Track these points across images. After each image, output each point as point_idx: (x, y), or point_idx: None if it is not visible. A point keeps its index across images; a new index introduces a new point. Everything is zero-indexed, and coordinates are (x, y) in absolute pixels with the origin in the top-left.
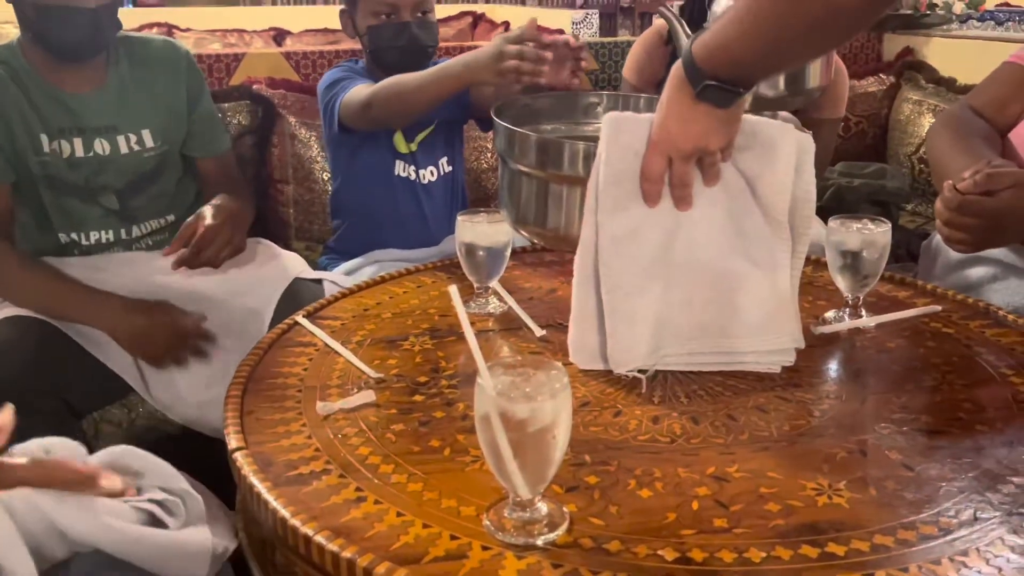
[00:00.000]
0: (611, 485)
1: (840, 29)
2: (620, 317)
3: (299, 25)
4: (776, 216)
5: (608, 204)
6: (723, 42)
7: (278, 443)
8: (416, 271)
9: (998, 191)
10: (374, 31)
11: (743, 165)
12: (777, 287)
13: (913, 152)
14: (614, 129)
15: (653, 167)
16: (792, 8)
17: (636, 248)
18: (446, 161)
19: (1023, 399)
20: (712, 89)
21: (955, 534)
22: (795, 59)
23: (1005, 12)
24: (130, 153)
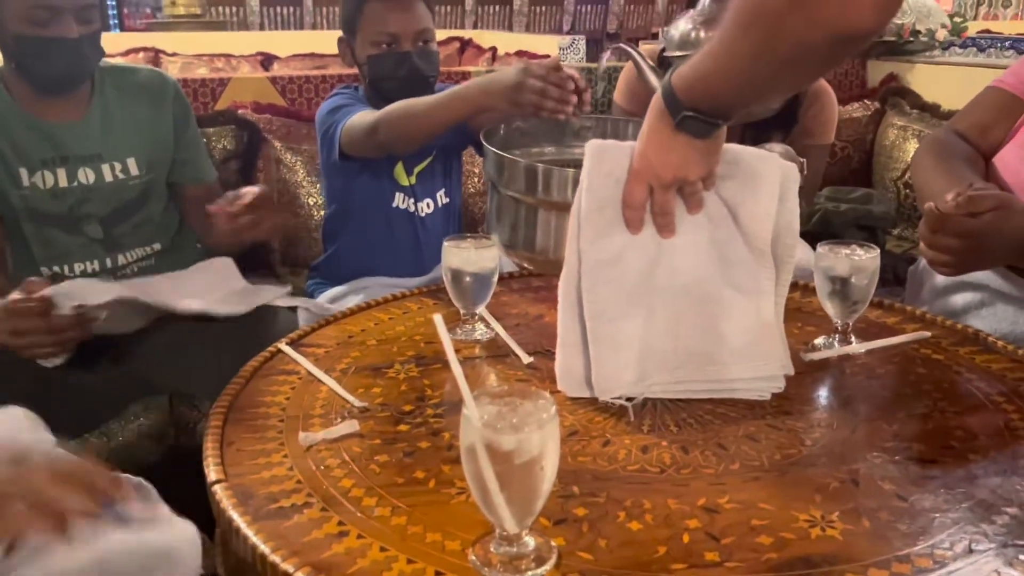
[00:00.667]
0: (600, 517)
1: (811, 67)
2: (604, 343)
3: (286, 50)
4: (758, 245)
5: (590, 231)
6: (701, 74)
7: (259, 475)
8: (402, 296)
9: (981, 213)
10: (375, 61)
11: (726, 194)
12: (761, 314)
13: (899, 177)
14: (596, 157)
15: (634, 195)
16: (764, 47)
17: (619, 274)
18: (444, 193)
19: (1015, 427)
20: (691, 120)
21: (950, 567)
22: (771, 93)
23: (987, 39)
24: (115, 181)
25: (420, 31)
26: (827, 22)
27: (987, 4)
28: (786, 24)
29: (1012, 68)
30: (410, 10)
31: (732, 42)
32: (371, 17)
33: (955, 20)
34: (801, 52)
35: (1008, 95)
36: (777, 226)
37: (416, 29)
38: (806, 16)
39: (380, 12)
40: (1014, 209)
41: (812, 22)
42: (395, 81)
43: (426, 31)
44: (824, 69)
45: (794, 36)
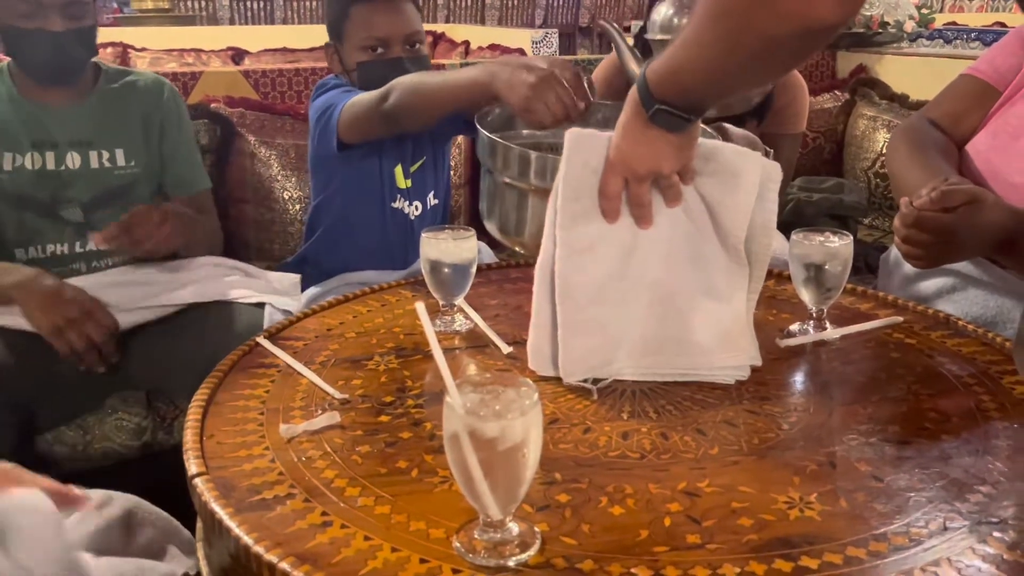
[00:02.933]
0: (583, 503)
1: (780, 60)
2: (572, 328)
3: (257, 45)
4: (733, 242)
5: (566, 218)
6: (673, 68)
7: (240, 467)
8: (380, 289)
9: (953, 208)
10: (364, 68)
11: (704, 189)
12: (733, 309)
13: (869, 167)
14: (574, 146)
15: (609, 186)
16: (732, 40)
17: (592, 262)
18: (433, 195)
19: (986, 408)
20: (663, 114)
21: (925, 544)
22: (741, 86)
23: (953, 30)
24: (100, 168)
25: (410, 34)
26: (793, 15)
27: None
28: (753, 17)
29: (985, 56)
30: (399, 12)
31: (702, 34)
32: (358, 21)
33: (922, 12)
34: (768, 45)
35: (981, 83)
36: (753, 224)
37: (406, 32)
38: (773, 9)
39: (367, 15)
40: (985, 203)
41: (778, 15)
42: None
43: (416, 34)
44: (793, 63)
45: (761, 29)
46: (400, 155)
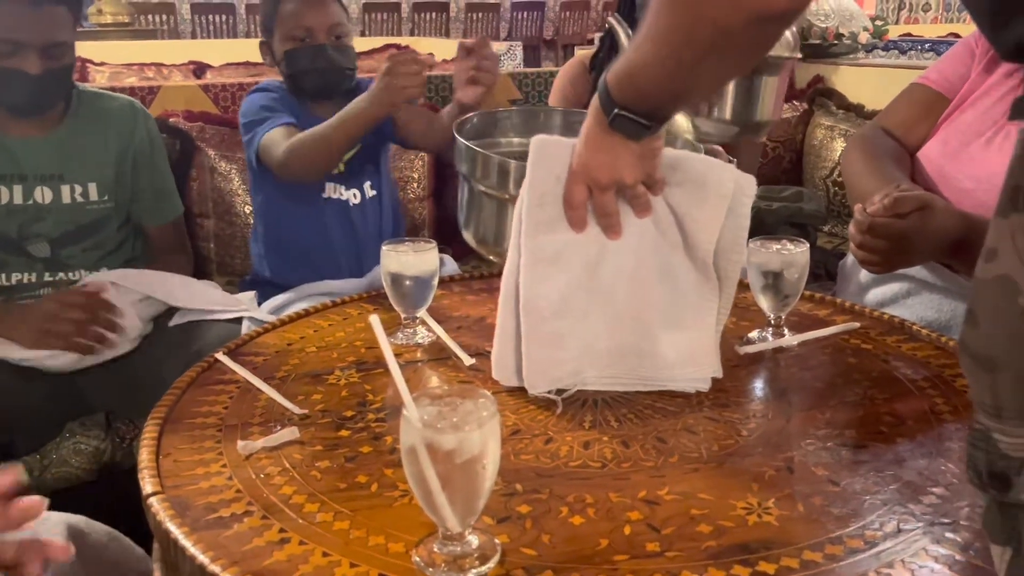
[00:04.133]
0: (543, 514)
1: (734, 54)
2: (535, 340)
3: (219, 59)
4: (701, 256)
5: (531, 226)
6: (630, 69)
7: (196, 486)
8: (342, 303)
9: (905, 214)
10: (291, 55)
11: (674, 200)
12: (700, 325)
13: (827, 175)
14: (538, 153)
15: (574, 195)
16: (684, 32)
17: (557, 272)
18: (370, 186)
19: (939, 411)
20: (622, 119)
21: (880, 546)
22: (697, 85)
23: (908, 42)
24: (72, 204)
25: (334, 25)
26: (744, 4)
27: (907, 8)
28: (704, 6)
29: (935, 65)
30: (323, 6)
31: (654, 30)
32: (286, 14)
33: (877, 24)
34: (721, 36)
35: (932, 92)
36: (723, 239)
37: (330, 23)
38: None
39: (294, 8)
40: (936, 209)
41: (730, 3)
42: (312, 74)
43: (339, 26)
44: (748, 57)
45: (713, 18)
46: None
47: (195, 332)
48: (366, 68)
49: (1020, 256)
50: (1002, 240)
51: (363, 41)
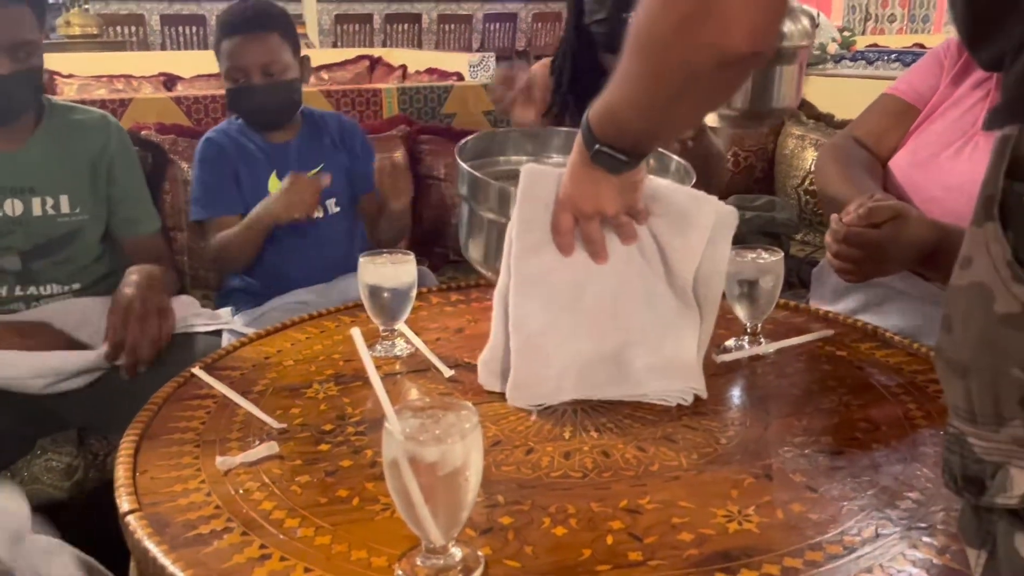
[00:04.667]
0: (525, 525)
1: (703, 93)
2: (522, 356)
3: (191, 70)
4: (681, 284)
5: (521, 250)
6: (608, 107)
7: (175, 503)
8: (319, 316)
9: (880, 223)
10: (230, 95)
11: (657, 230)
12: (681, 347)
13: (799, 184)
14: (528, 181)
15: (561, 222)
16: (656, 73)
17: (544, 293)
18: (334, 202)
19: (913, 416)
20: (603, 155)
21: (859, 551)
22: (672, 122)
23: (875, 52)
24: (43, 216)
25: (267, 63)
26: (708, 45)
27: (874, 20)
28: (673, 48)
29: (904, 76)
30: (258, 43)
31: (629, 69)
32: (224, 53)
33: (844, 34)
34: (689, 76)
35: (902, 102)
36: (703, 269)
37: (262, 62)
38: (690, 40)
39: (230, 47)
40: (909, 218)
41: (696, 46)
42: (248, 114)
43: (272, 63)
44: (717, 96)
45: (681, 60)
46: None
47: (171, 347)
48: (339, 80)
49: (994, 264)
50: (977, 248)
51: (336, 52)
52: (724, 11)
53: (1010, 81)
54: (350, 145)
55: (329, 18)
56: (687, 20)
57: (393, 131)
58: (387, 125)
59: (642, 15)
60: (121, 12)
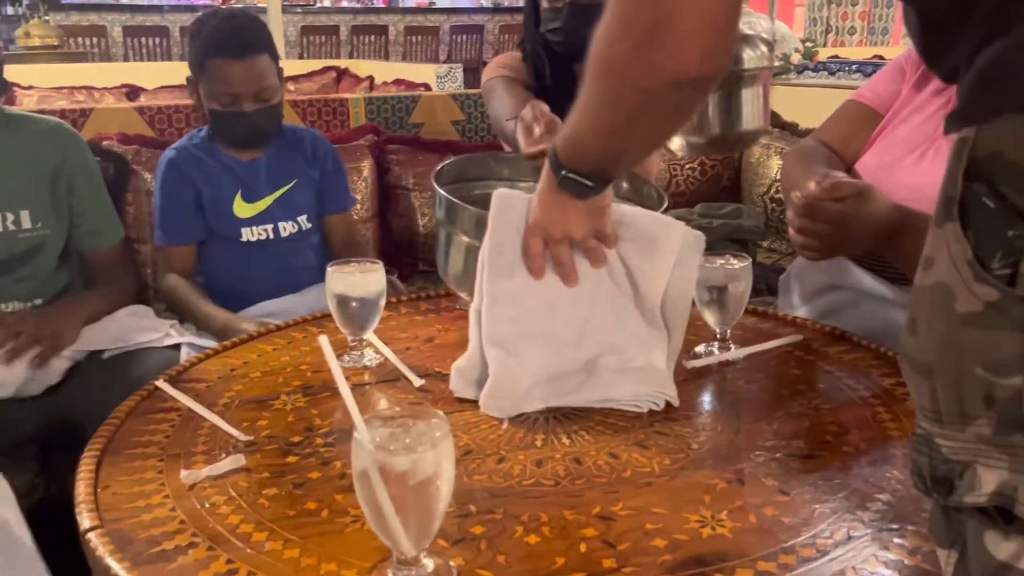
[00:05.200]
0: (498, 534)
1: (660, 116)
2: (498, 373)
3: (154, 82)
4: (649, 307)
5: (493, 272)
6: (572, 133)
7: (138, 518)
8: (286, 326)
9: (843, 198)
10: (215, 117)
11: (625, 254)
12: (652, 367)
13: (765, 192)
14: (499, 206)
15: (531, 247)
16: (614, 97)
17: (516, 314)
18: (306, 219)
19: (881, 419)
20: (569, 181)
21: (831, 554)
22: (633, 146)
23: (836, 63)
24: (4, 232)
25: (260, 90)
26: (662, 69)
27: (835, 32)
28: (629, 72)
29: (869, 84)
30: (250, 68)
31: (589, 95)
32: (213, 73)
33: (807, 45)
34: (646, 100)
35: (866, 108)
36: (671, 291)
37: (256, 88)
38: (645, 64)
39: (221, 69)
40: (873, 195)
41: (650, 70)
42: (233, 138)
43: (266, 89)
44: (675, 118)
45: (637, 84)
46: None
47: (133, 361)
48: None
49: (955, 264)
50: (938, 249)
51: (302, 64)
52: (676, 36)
53: (964, 88)
54: (322, 161)
55: (295, 29)
56: (641, 45)
57: (360, 141)
58: (354, 135)
59: (599, 41)
60: (82, 23)
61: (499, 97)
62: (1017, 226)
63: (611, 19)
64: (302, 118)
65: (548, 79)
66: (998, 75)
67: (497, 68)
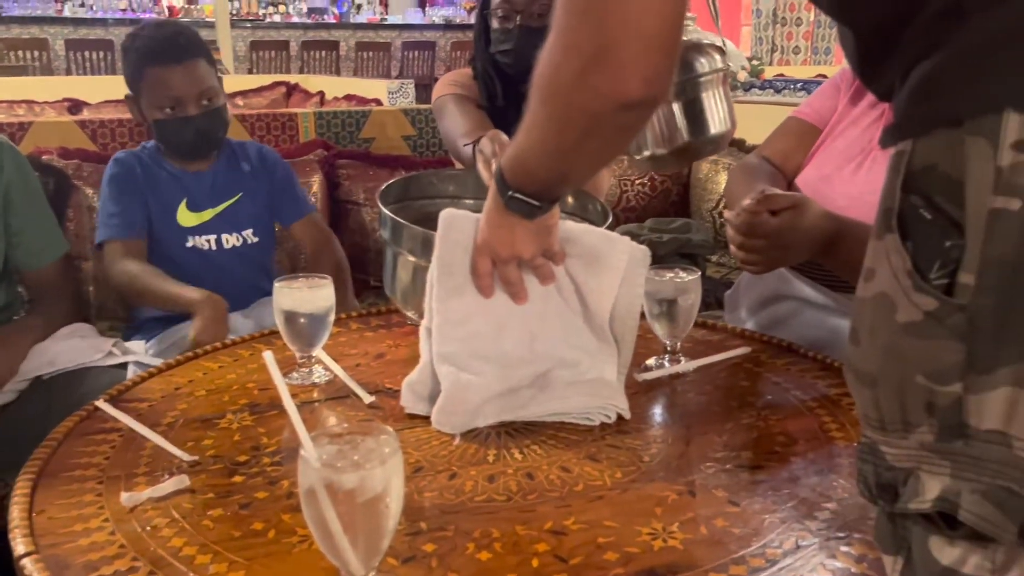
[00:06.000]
0: (449, 551)
1: (607, 137)
2: (450, 389)
3: (97, 96)
4: (598, 322)
5: (442, 292)
6: (519, 154)
7: (75, 543)
8: (232, 344)
9: (779, 210)
10: (160, 126)
11: (573, 271)
12: (603, 373)
13: (713, 207)
14: (446, 227)
15: (479, 266)
16: (561, 119)
17: (466, 333)
18: (252, 232)
19: (828, 429)
20: (516, 201)
21: (781, 563)
22: (580, 166)
23: (782, 81)
24: None
25: (203, 92)
26: (607, 93)
27: (780, 51)
28: (574, 96)
29: (808, 100)
30: (190, 72)
31: (535, 116)
32: (152, 81)
33: (753, 63)
34: (592, 121)
35: (805, 123)
36: (619, 307)
37: (199, 90)
38: (590, 88)
39: (160, 76)
40: (807, 207)
41: (596, 93)
42: (183, 144)
43: (209, 90)
44: (620, 138)
45: (584, 106)
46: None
47: (76, 381)
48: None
49: (895, 274)
50: (878, 260)
51: (251, 78)
52: (620, 61)
53: (899, 104)
54: (270, 172)
55: (244, 44)
56: (586, 68)
57: (310, 155)
58: (304, 149)
59: (544, 64)
60: (23, 36)
61: (451, 115)
62: (953, 236)
63: (555, 43)
64: (250, 132)
65: (499, 99)
66: (929, 91)
67: (448, 86)
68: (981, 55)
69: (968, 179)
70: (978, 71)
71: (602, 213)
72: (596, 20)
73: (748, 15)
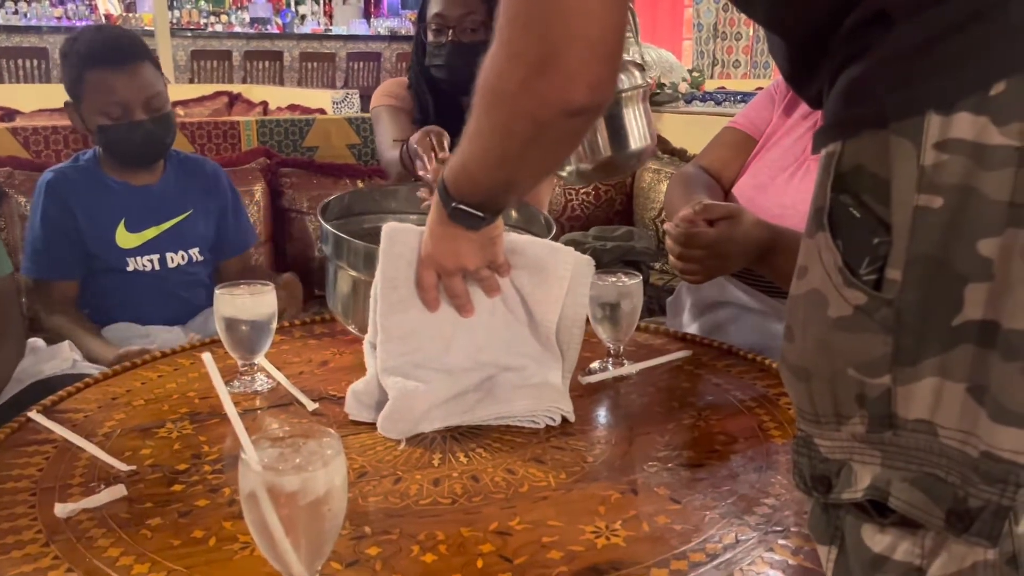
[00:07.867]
0: (393, 554)
1: (552, 144)
2: (397, 397)
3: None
4: (545, 332)
5: (385, 306)
6: (462, 163)
7: (8, 555)
8: (172, 353)
9: (716, 220)
10: (105, 132)
11: (518, 282)
12: (548, 378)
13: (656, 216)
14: (389, 241)
15: (424, 279)
16: (505, 127)
17: (411, 348)
18: (198, 251)
19: (766, 427)
20: (460, 212)
21: (720, 558)
22: (524, 175)
23: (722, 94)
24: None
25: (150, 97)
26: (553, 100)
27: (720, 64)
28: (520, 103)
29: (743, 111)
30: (137, 76)
31: (479, 126)
32: (96, 85)
33: (694, 76)
34: (537, 129)
35: (741, 134)
36: (564, 316)
37: (146, 96)
38: (535, 95)
39: (105, 80)
40: (742, 218)
41: (541, 100)
42: (130, 150)
43: (156, 96)
44: (564, 146)
45: (528, 114)
46: (118, 215)
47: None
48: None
49: (827, 271)
50: (810, 258)
51: (193, 88)
52: (565, 68)
53: (828, 107)
54: (224, 194)
55: (185, 54)
56: (531, 77)
57: (252, 164)
58: (246, 157)
59: (488, 72)
60: None
61: (384, 127)
62: (881, 233)
63: (499, 51)
64: (191, 141)
65: (431, 114)
66: (857, 95)
67: (383, 97)
68: (906, 60)
69: (894, 178)
70: (903, 75)
71: (546, 225)
72: (540, 29)
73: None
